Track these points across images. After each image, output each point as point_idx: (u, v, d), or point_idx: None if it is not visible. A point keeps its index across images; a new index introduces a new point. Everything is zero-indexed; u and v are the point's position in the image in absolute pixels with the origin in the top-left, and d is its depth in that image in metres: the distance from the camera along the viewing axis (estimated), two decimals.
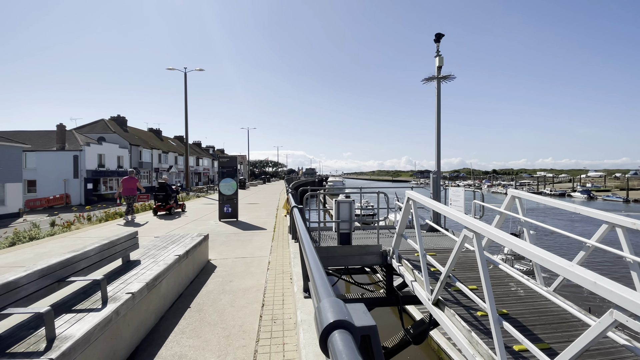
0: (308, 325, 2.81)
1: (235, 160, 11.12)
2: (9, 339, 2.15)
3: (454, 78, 9.25)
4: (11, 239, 8.25)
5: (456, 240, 3.50)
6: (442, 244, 7.24)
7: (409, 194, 4.69)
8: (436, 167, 9.23)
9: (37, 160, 32.79)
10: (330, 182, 73.35)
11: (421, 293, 4.42)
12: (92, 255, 3.18)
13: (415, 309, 10.87)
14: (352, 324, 0.78)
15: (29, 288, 2.40)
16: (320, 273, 1.32)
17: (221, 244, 7.14)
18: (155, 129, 59.04)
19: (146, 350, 2.85)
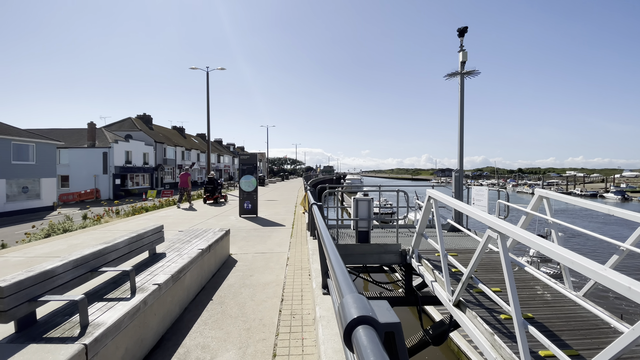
0: (327, 321, 2.83)
1: (255, 158, 11.29)
2: (46, 325, 2.29)
3: (478, 73, 8.97)
4: (47, 230, 8.77)
5: (479, 241, 3.41)
6: (463, 244, 7.07)
7: (430, 193, 4.60)
8: (458, 165, 9.00)
9: (69, 157, 34.61)
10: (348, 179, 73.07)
11: (441, 294, 4.35)
12: (122, 247, 3.34)
13: (434, 309, 10.69)
14: (376, 320, 0.79)
15: (64, 277, 2.55)
16: (342, 269, 1.33)
17: (241, 239, 7.28)
18: (178, 127, 60.84)
19: (171, 340, 2.97)
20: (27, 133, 24.64)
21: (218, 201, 14.84)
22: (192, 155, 57.03)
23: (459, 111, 8.96)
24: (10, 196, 22.98)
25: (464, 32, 8.86)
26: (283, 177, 60.48)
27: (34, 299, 2.24)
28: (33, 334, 2.16)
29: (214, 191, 14.66)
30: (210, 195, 14.61)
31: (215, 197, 14.69)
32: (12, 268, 5.05)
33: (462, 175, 8.81)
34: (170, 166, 49.35)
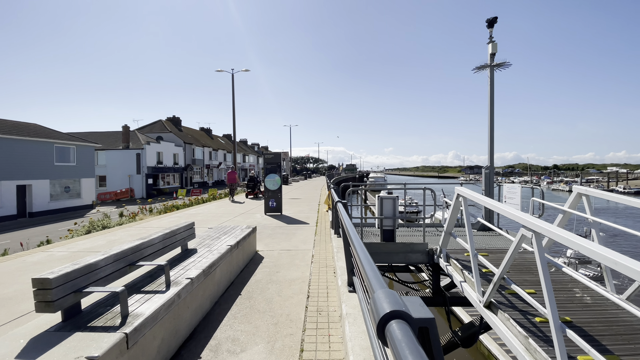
0: (353, 319, 2.83)
1: (278, 157, 11.45)
2: (90, 314, 2.46)
3: (509, 65, 8.58)
4: (87, 227, 9.37)
5: (511, 240, 3.28)
6: (494, 243, 6.81)
7: (459, 190, 4.47)
8: (489, 161, 8.67)
9: (106, 158, 36.73)
10: (371, 178, 72.35)
11: (471, 294, 4.22)
12: (157, 243, 3.51)
13: (463, 311, 10.38)
14: (410, 314, 0.78)
15: (106, 270, 2.72)
16: (371, 265, 1.33)
17: (267, 236, 7.42)
18: (206, 128, 62.84)
19: (203, 332, 3.09)
20: (67, 136, 26.39)
21: (258, 196, 17.09)
22: (219, 156, 58.72)
23: (488, 105, 8.62)
24: (54, 195, 24.73)
25: (493, 23, 8.51)
26: (306, 176, 60.88)
27: (79, 290, 2.40)
28: (78, 322, 2.32)
29: (254, 187, 17.19)
30: (251, 191, 17.14)
31: (255, 193, 17.13)
32: (57, 262, 5.45)
33: (492, 172, 8.47)
34: (198, 166, 51.09)
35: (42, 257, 5.81)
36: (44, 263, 5.39)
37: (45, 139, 23.65)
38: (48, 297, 2.16)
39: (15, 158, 21.65)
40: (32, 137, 22.75)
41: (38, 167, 23.23)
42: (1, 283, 4.39)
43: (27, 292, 4.01)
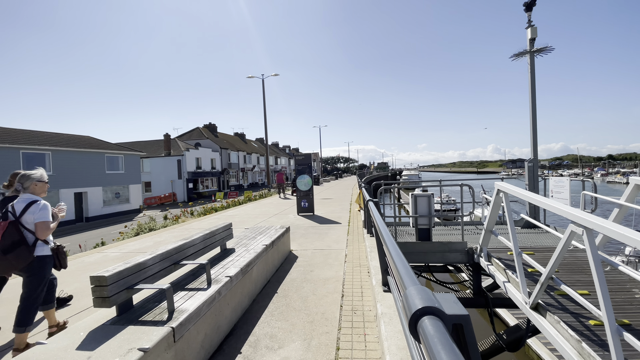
0: (389, 318, 2.80)
1: (309, 158, 11.57)
2: (140, 309, 2.65)
3: (551, 50, 8.00)
4: (136, 230, 10.10)
5: (560, 238, 3.05)
6: (540, 241, 6.37)
7: (499, 185, 4.24)
8: (532, 154, 8.12)
9: (150, 165, 39.31)
10: (404, 175, 70.63)
11: (516, 296, 3.98)
12: (198, 243, 3.71)
13: (507, 312, 9.81)
14: (443, 311, 0.77)
15: (153, 268, 2.92)
16: (404, 262, 1.31)
17: (300, 236, 7.53)
18: (239, 133, 65.11)
19: (242, 328, 3.21)
20: (116, 146, 28.59)
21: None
22: (252, 159, 60.54)
23: (529, 94, 8.09)
24: (106, 201, 26.91)
25: (531, 6, 7.97)
26: (337, 176, 60.85)
27: (131, 287, 2.61)
28: (130, 317, 2.51)
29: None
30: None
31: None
32: (110, 262, 5.93)
33: (536, 165, 7.93)
34: (234, 170, 53.06)
35: (97, 257, 6.36)
36: (99, 263, 5.90)
37: (97, 150, 25.84)
38: (104, 293, 2.37)
39: (72, 168, 23.88)
40: (86, 149, 24.96)
41: (92, 176, 25.43)
42: (64, 282, 4.87)
43: (85, 290, 4.42)
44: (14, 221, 2.86)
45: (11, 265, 2.79)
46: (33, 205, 2.92)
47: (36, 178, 3.07)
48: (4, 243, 2.76)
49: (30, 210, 2.90)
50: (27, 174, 3.06)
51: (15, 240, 2.79)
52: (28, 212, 2.90)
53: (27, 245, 2.84)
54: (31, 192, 3.03)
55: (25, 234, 2.88)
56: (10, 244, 2.76)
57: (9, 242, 2.76)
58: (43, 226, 2.91)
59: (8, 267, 2.79)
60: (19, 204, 2.93)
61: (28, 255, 2.83)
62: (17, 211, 2.89)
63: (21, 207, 2.91)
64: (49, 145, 22.22)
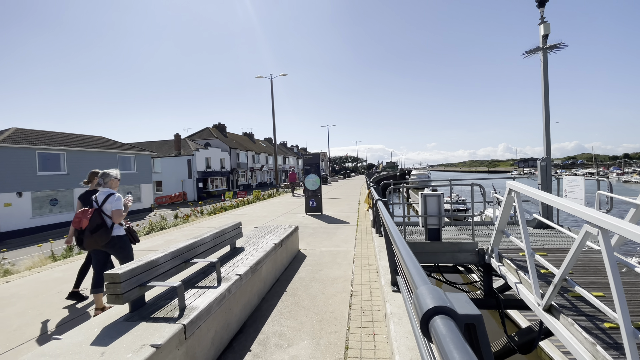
0: (398, 318, 2.78)
1: (317, 157, 11.57)
2: (152, 306, 2.70)
3: (564, 47, 7.82)
4: (147, 228, 10.26)
5: (574, 238, 2.99)
6: (554, 242, 6.25)
7: (511, 185, 4.17)
8: (545, 153, 7.97)
9: (161, 165, 39.89)
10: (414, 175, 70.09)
11: (528, 297, 3.92)
12: (208, 241, 3.75)
13: (519, 314, 9.65)
14: (455, 311, 0.76)
15: (165, 266, 2.97)
16: (414, 262, 1.30)
17: (309, 235, 7.55)
18: (248, 133, 65.55)
19: (252, 326, 3.24)
20: (128, 146, 29.09)
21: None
22: (261, 158, 60.88)
23: (542, 92, 7.94)
24: None
25: (544, 2, 7.81)
26: (345, 175, 60.73)
27: (143, 284, 2.65)
28: (143, 313, 2.56)
29: None
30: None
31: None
32: None
33: (549, 165, 7.78)
34: (243, 169, 53.46)
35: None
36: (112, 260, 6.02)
37: (109, 150, 26.34)
38: (118, 290, 2.41)
39: (85, 167, 24.38)
40: (99, 149, 25.47)
41: None
42: None
43: None
44: (97, 209, 3.63)
45: (95, 242, 3.57)
46: (111, 196, 3.69)
47: (113, 176, 3.90)
48: (91, 225, 3.54)
49: (108, 200, 3.67)
50: (107, 172, 3.88)
51: (98, 224, 3.57)
52: (107, 202, 3.66)
53: (106, 228, 3.62)
54: (109, 187, 3.81)
55: (105, 219, 3.64)
56: (95, 226, 3.56)
57: (94, 224, 3.55)
58: (118, 213, 3.67)
59: (93, 243, 3.57)
60: (100, 196, 3.71)
61: (107, 236, 3.61)
62: (99, 201, 3.67)
63: (102, 198, 3.68)
64: (63, 146, 22.75)
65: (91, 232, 3.53)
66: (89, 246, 3.59)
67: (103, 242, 3.60)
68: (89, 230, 3.53)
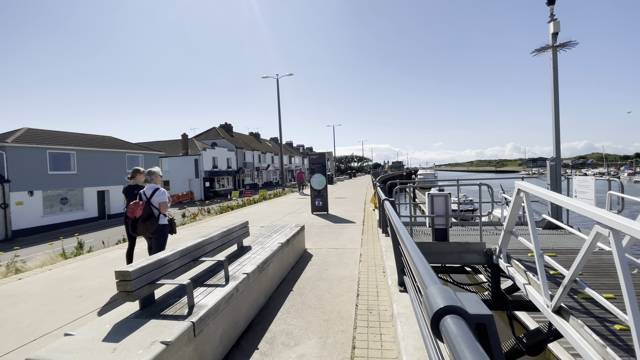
0: (405, 318, 2.78)
1: (323, 157, 11.57)
2: (162, 304, 2.73)
3: (575, 44, 7.70)
4: None
5: (584, 239, 2.95)
6: (563, 243, 6.17)
7: (519, 185, 4.13)
8: (554, 152, 7.87)
9: (169, 164, 40.27)
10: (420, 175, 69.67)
11: (537, 298, 3.88)
12: (216, 240, 3.79)
13: (527, 316, 9.54)
14: (465, 310, 0.76)
15: (174, 264, 3.01)
16: (423, 261, 1.30)
17: (315, 235, 7.56)
18: (254, 133, 65.81)
19: (259, 325, 3.26)
20: (136, 146, 29.43)
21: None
22: (267, 158, 61.08)
23: (552, 90, 7.83)
24: None
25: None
26: (350, 175, 60.63)
27: (153, 282, 2.69)
28: (153, 311, 2.59)
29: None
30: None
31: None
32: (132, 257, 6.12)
33: (559, 164, 7.68)
34: (249, 169, 53.71)
35: (120, 253, 6.58)
36: (122, 259, 6.10)
37: (118, 150, 26.69)
38: (128, 288, 2.45)
39: (95, 167, 24.77)
40: (108, 148, 25.82)
41: (113, 174, 26.28)
42: (88, 276, 5.07)
43: (109, 284, 4.59)
44: (147, 201, 4.31)
45: (147, 229, 4.24)
46: (157, 191, 4.39)
47: (158, 173, 4.64)
48: (143, 215, 4.20)
49: (156, 194, 4.36)
50: (152, 170, 4.60)
51: (149, 213, 4.25)
52: (155, 196, 4.35)
53: (155, 217, 4.29)
54: (154, 182, 4.54)
55: (153, 210, 4.30)
56: (146, 215, 4.23)
57: (145, 214, 4.23)
58: (164, 205, 4.38)
59: (145, 230, 4.24)
60: (148, 190, 4.40)
61: (155, 224, 4.29)
62: (147, 195, 4.36)
63: (150, 192, 4.37)
64: (73, 145, 23.12)
65: (143, 221, 4.20)
66: (142, 232, 4.25)
67: (152, 229, 4.28)
68: (141, 219, 4.19)
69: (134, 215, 4.19)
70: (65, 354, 1.99)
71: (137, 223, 4.20)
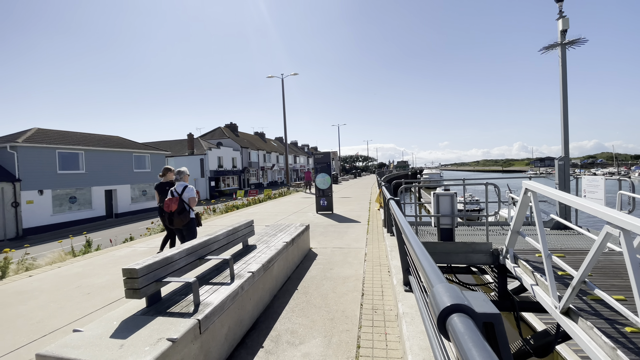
0: (411, 318, 2.76)
1: (328, 157, 11.56)
2: (168, 302, 2.76)
3: (584, 42, 7.58)
4: (162, 226, 10.47)
5: (593, 239, 2.90)
6: (572, 243, 6.08)
7: (527, 184, 4.08)
8: (563, 151, 7.75)
9: (175, 164, 40.57)
10: (425, 174, 69.29)
11: (545, 299, 3.83)
12: (221, 239, 3.81)
13: (534, 317, 9.43)
14: (472, 309, 0.75)
15: (180, 263, 3.03)
16: (429, 260, 1.29)
17: (319, 234, 7.56)
18: (259, 133, 66.02)
19: (264, 323, 3.27)
20: (143, 146, 29.71)
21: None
22: (272, 158, 61.24)
23: (560, 89, 7.72)
24: (134, 198, 28.05)
25: None
26: (355, 175, 60.51)
27: (159, 280, 2.71)
28: (159, 308, 2.62)
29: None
30: None
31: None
32: (139, 256, 6.19)
33: (567, 164, 7.57)
34: (254, 168, 53.91)
35: (127, 251, 6.65)
36: (129, 257, 6.17)
37: (125, 149, 26.97)
38: (135, 285, 2.48)
39: (103, 166, 25.07)
40: (115, 148, 26.10)
41: (121, 174, 26.58)
42: (96, 274, 5.14)
43: (117, 282, 4.64)
44: (179, 197, 4.95)
45: (181, 221, 4.91)
46: (187, 188, 5.07)
47: (186, 172, 5.27)
48: (177, 209, 4.88)
49: (186, 191, 5.03)
50: (181, 170, 5.24)
51: (182, 208, 4.93)
52: (185, 192, 5.02)
53: (187, 211, 4.98)
54: (183, 180, 5.17)
55: (184, 205, 4.97)
56: (180, 209, 4.90)
57: (179, 208, 4.90)
58: (193, 200, 5.07)
59: (180, 222, 4.91)
60: (178, 187, 5.06)
61: (187, 217, 4.98)
62: (179, 191, 5.02)
63: (180, 189, 5.03)
64: (82, 145, 23.42)
65: (178, 214, 4.88)
66: (177, 224, 4.95)
67: (185, 221, 4.95)
68: (176, 213, 4.87)
69: (170, 209, 4.86)
70: (74, 349, 2.02)
71: (173, 216, 4.88)
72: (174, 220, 4.88)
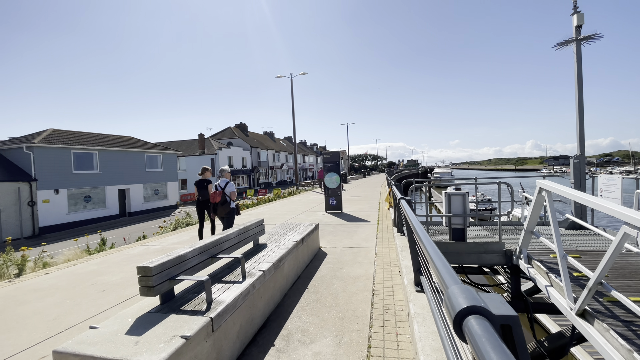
0: (422, 318, 2.74)
1: (337, 156, 11.54)
2: (181, 299, 2.80)
3: (600, 37, 7.38)
4: (174, 225, 10.64)
5: (610, 240, 2.83)
6: (587, 244, 5.94)
7: (541, 183, 3.99)
8: (578, 150, 7.57)
9: (186, 163, 41.16)
10: (436, 173, 68.53)
11: (560, 301, 3.75)
12: (233, 238, 3.85)
13: (548, 318, 9.25)
14: (489, 311, 0.75)
15: (192, 261, 3.07)
16: (443, 261, 1.28)
17: (329, 233, 7.56)
18: (269, 132, 66.38)
19: (275, 321, 3.30)
20: (155, 146, 30.20)
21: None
22: (281, 157, 61.50)
23: (575, 86, 7.54)
24: (146, 197, 28.55)
25: None
26: (364, 174, 60.27)
27: (173, 278, 2.76)
28: (173, 306, 2.66)
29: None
30: None
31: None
32: (152, 254, 6.30)
33: (583, 162, 7.39)
34: (263, 168, 54.25)
35: (140, 250, 6.78)
36: (142, 255, 6.29)
37: (138, 149, 27.46)
38: (149, 283, 2.53)
39: (116, 166, 25.59)
40: (128, 148, 26.60)
41: (133, 174, 27.09)
42: (111, 272, 5.25)
43: (131, 279, 4.74)
44: (222, 191, 6.03)
45: (224, 210, 5.99)
46: (228, 183, 6.16)
47: (227, 171, 6.31)
48: (222, 200, 5.97)
49: (227, 186, 6.10)
50: (223, 169, 6.26)
51: (224, 200, 6.00)
52: (227, 187, 6.09)
53: (228, 202, 6.04)
54: (225, 177, 6.21)
55: (226, 197, 6.04)
56: (223, 200, 6.00)
57: (222, 200, 5.99)
58: (234, 194, 6.15)
59: (222, 211, 6.00)
60: (222, 183, 6.11)
61: (229, 207, 6.05)
62: (222, 186, 6.08)
63: (223, 184, 6.10)
64: (96, 145, 23.95)
65: (221, 205, 5.96)
66: (220, 213, 6.03)
67: (227, 211, 6.02)
68: (220, 204, 5.95)
69: (215, 200, 5.91)
70: (90, 345, 2.07)
71: (217, 206, 5.94)
72: (217, 209, 5.92)
